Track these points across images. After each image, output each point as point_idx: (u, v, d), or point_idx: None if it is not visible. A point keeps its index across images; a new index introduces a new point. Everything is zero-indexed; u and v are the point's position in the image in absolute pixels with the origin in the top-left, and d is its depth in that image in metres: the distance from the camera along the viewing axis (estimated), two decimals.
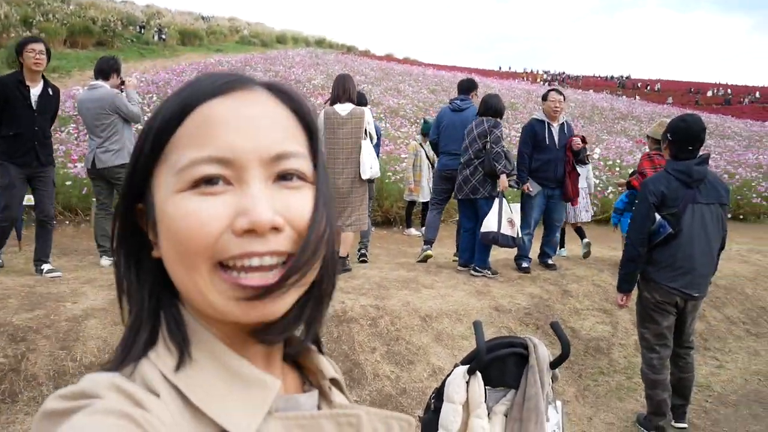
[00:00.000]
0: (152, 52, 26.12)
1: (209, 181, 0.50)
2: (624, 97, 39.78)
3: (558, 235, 5.96)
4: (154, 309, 0.55)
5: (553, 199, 5.60)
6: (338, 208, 4.40)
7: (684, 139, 3.37)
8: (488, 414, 2.17)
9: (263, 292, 0.49)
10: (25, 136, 4.42)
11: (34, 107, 4.48)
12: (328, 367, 0.64)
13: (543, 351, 2.19)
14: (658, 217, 3.35)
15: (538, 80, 46.42)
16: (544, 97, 5.68)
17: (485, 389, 2.20)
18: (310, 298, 0.56)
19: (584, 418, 3.71)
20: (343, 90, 4.88)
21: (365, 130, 4.86)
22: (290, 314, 0.54)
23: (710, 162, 3.79)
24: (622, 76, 60.18)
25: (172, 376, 0.50)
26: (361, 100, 5.49)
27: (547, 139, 5.47)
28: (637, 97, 42.79)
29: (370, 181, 5.36)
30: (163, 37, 28.41)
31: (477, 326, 2.20)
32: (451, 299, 4.61)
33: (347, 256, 5.15)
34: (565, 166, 5.52)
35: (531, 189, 5.46)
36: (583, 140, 5.68)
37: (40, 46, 4.46)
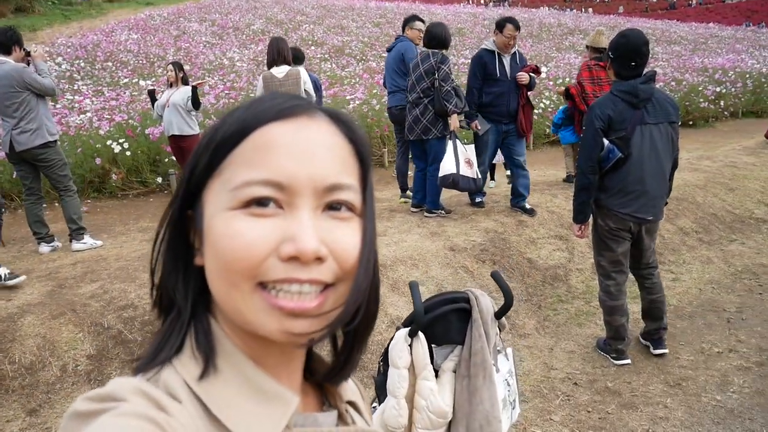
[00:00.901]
0: (77, 13, 24.56)
1: (260, 202, 0.50)
2: (574, 10, 39.35)
3: (527, 172, 5.46)
4: (190, 316, 0.56)
5: (510, 134, 5.24)
6: None
7: (625, 54, 3.22)
8: (437, 372, 2.11)
9: (298, 315, 0.50)
10: None
11: None
12: (346, 389, 0.66)
13: (486, 302, 2.12)
14: (606, 142, 3.25)
15: (482, 2, 45.53)
16: (500, 27, 5.10)
17: (432, 348, 2.13)
18: (349, 330, 0.60)
19: (545, 349, 3.73)
20: (278, 53, 5.09)
21: (303, 90, 5.05)
22: (339, 360, 0.62)
23: (658, 70, 3.64)
24: None
25: (194, 385, 0.51)
26: (298, 56, 6.00)
27: (498, 71, 5.08)
28: (590, 10, 42.45)
29: None
30: None
31: (412, 287, 2.10)
32: (405, 245, 4.53)
33: None
34: (518, 99, 5.15)
35: (479, 127, 5.15)
36: (536, 71, 5.25)
37: None
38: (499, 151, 5.62)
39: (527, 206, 5.35)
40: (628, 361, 3.50)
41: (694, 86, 12.79)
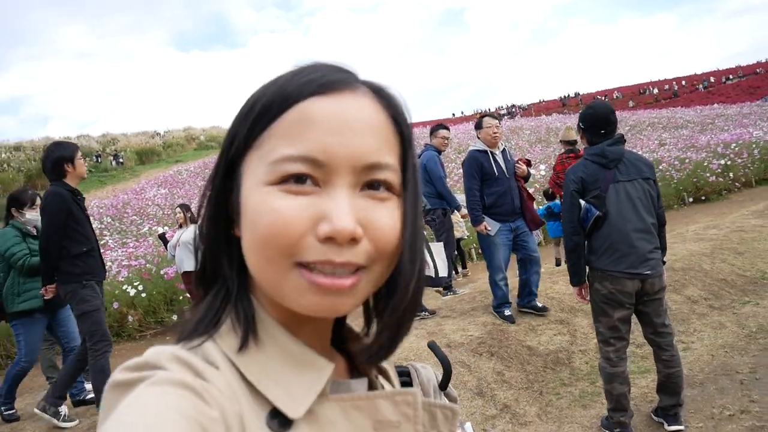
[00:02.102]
0: (112, 178, 26.52)
1: (297, 179, 0.50)
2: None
3: (540, 268, 5.19)
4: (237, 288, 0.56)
5: (521, 231, 4.97)
6: None
7: (593, 124, 3.40)
8: None
9: (333, 292, 0.50)
10: (95, 250, 4.00)
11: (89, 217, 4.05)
12: None
13: (426, 374, 2.10)
14: (583, 202, 3.33)
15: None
16: (478, 126, 5.10)
17: None
18: (394, 318, 0.56)
19: None
20: None
21: None
22: (382, 339, 0.56)
23: (663, 153, 3.73)
24: (567, 95, 62.44)
25: (232, 355, 0.51)
26: None
27: (495, 170, 4.90)
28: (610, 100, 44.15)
29: None
30: (121, 161, 28.89)
31: None
32: (402, 347, 4.49)
33: None
34: (521, 194, 4.99)
35: (489, 228, 4.88)
36: (528, 163, 5.26)
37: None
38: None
39: (539, 304, 5.09)
40: None
41: (699, 163, 12.88)
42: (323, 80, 0.52)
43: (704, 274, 5.84)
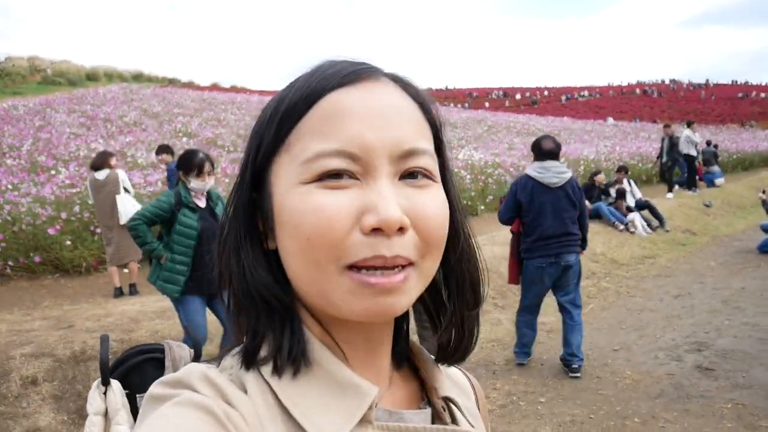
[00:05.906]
0: None
1: (334, 175, 0.48)
2: (451, 105, 42.79)
3: None
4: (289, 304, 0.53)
5: None
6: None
7: None
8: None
9: (387, 290, 0.48)
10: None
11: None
12: (444, 383, 0.60)
13: (181, 353, 2.35)
14: None
15: None
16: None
17: (136, 397, 2.32)
18: (463, 316, 0.57)
19: None
20: (101, 161, 6.45)
21: (123, 187, 6.36)
22: (454, 338, 0.58)
23: (507, 159, 3.87)
24: (429, 88, 65.54)
25: (270, 378, 0.50)
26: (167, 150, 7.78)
27: None
28: (487, 104, 46.63)
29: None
30: None
31: (102, 341, 2.31)
32: None
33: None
34: None
35: None
36: None
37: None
38: None
39: None
40: None
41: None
42: (346, 72, 0.51)
43: (498, 275, 6.61)
